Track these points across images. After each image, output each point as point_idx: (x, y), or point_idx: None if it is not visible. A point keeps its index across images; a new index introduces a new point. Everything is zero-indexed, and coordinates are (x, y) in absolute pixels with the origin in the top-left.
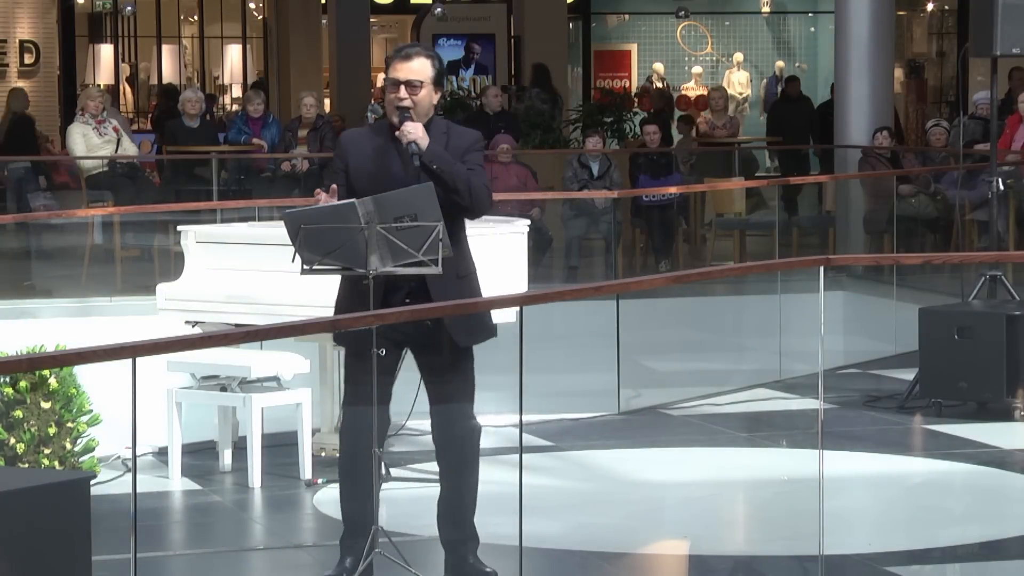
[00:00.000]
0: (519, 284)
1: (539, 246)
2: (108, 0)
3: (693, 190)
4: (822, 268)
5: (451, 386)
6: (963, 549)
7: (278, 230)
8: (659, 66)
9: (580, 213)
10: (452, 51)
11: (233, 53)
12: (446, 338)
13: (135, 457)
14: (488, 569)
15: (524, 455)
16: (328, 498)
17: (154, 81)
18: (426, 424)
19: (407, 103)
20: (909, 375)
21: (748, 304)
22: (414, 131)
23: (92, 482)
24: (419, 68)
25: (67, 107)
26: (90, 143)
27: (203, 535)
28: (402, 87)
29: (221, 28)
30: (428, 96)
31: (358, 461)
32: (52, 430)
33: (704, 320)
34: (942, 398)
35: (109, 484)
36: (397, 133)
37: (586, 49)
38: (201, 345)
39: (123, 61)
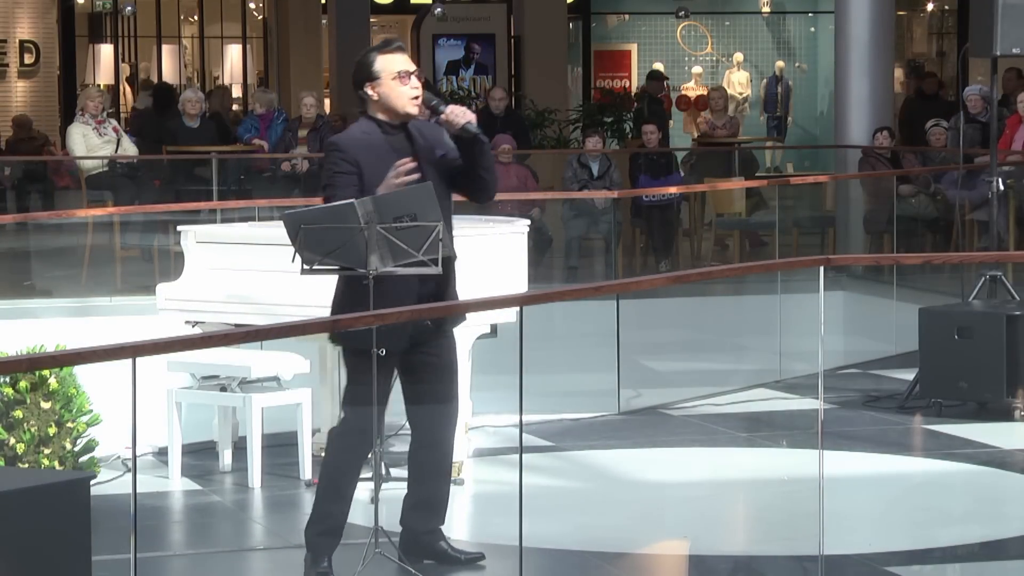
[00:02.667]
0: (519, 284)
1: (539, 246)
2: (108, 0)
3: (693, 190)
4: (822, 268)
5: (443, 384)
6: (963, 549)
7: (278, 230)
8: (659, 66)
9: (580, 213)
10: (452, 51)
11: (233, 53)
12: (445, 335)
13: (135, 457)
14: (473, 552)
15: (524, 455)
16: None
17: (154, 81)
18: None
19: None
20: (909, 375)
21: (748, 304)
22: (464, 113)
23: (92, 482)
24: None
25: (67, 107)
26: (90, 143)
27: (203, 535)
28: (413, 76)
29: (221, 28)
30: None
31: (357, 461)
32: (52, 430)
33: (704, 320)
34: (942, 398)
35: (109, 484)
36: (443, 119)
37: (586, 49)
38: (201, 345)
39: (123, 61)
